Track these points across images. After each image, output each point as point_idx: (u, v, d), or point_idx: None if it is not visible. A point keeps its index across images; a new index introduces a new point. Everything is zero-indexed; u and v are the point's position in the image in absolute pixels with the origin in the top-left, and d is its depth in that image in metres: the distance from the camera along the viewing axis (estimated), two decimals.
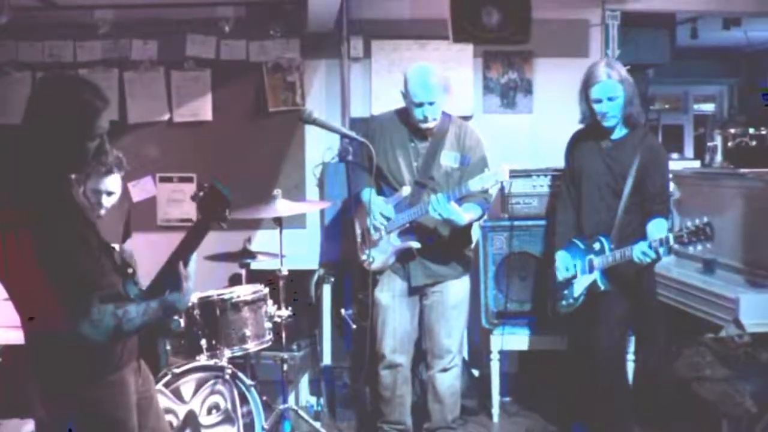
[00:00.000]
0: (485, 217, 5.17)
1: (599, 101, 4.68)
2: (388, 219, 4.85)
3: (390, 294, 4.99)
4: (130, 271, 3.06)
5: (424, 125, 4.84)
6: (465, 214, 4.69)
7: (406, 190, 4.81)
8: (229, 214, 3.05)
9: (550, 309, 5.06)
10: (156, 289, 3.00)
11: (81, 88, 2.85)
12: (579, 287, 4.80)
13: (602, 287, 4.69)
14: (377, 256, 4.88)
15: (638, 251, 4.52)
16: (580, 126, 4.94)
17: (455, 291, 4.99)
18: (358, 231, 5.05)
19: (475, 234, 5.68)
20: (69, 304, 2.70)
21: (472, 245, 5.17)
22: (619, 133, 4.79)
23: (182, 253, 3.02)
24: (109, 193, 4.41)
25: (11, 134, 2.92)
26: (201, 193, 3.04)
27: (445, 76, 4.93)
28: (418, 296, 5.03)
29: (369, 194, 4.84)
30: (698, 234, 4.27)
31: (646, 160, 4.67)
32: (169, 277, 2.99)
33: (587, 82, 4.73)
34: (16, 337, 4.71)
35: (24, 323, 2.93)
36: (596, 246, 4.72)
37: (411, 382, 5.22)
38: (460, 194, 4.62)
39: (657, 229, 4.58)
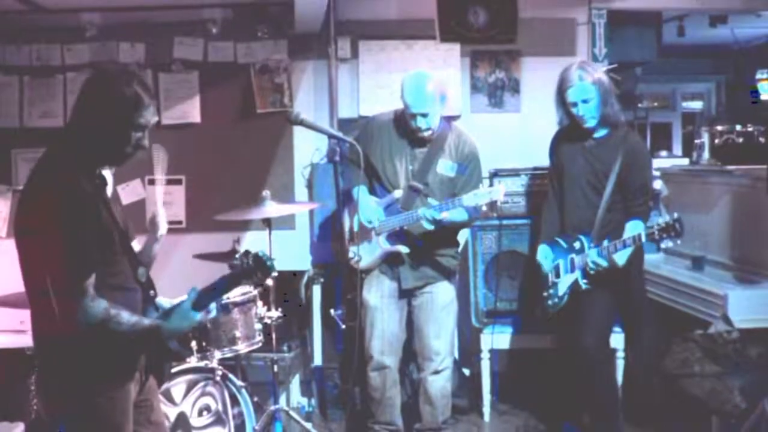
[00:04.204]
0: (473, 223, 5.15)
1: (575, 104, 4.70)
2: (378, 220, 4.86)
3: (378, 295, 4.99)
4: (152, 293, 3.18)
5: (419, 134, 4.83)
6: (446, 213, 4.64)
7: (398, 193, 4.83)
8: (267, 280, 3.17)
9: (538, 309, 5.06)
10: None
11: (131, 81, 2.98)
12: (563, 286, 4.82)
13: (584, 286, 4.71)
14: (365, 256, 4.88)
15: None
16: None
17: (444, 292, 5.00)
18: (347, 228, 5.06)
19: (464, 234, 5.71)
20: (72, 276, 2.80)
21: (459, 248, 5.19)
22: (601, 132, 4.81)
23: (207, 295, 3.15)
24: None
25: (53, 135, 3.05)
26: (247, 261, 3.11)
27: (443, 83, 4.88)
28: (406, 298, 5.04)
29: (359, 192, 4.85)
30: (668, 230, 4.30)
31: (629, 160, 4.69)
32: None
33: (561, 86, 4.75)
34: (7, 341, 4.73)
35: (33, 325, 3.01)
36: (576, 245, 4.74)
37: (401, 383, 5.23)
38: (453, 206, 4.61)
39: (633, 230, 4.60)
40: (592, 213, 4.75)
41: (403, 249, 4.86)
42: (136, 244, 3.28)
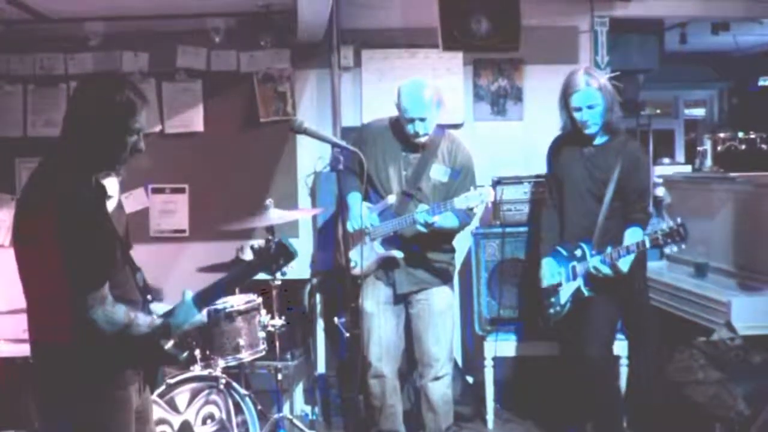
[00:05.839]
0: (464, 228, 5.10)
1: (579, 110, 4.70)
2: (371, 225, 4.87)
3: (374, 301, 5.00)
4: (149, 297, 3.17)
5: (415, 140, 4.85)
6: (438, 217, 4.66)
7: (391, 198, 4.84)
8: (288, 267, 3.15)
9: (540, 317, 5.06)
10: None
11: (122, 86, 2.99)
12: (565, 294, 4.81)
13: (586, 293, 4.71)
14: (360, 261, 4.89)
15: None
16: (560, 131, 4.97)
17: (441, 297, 5.00)
18: (341, 234, 5.06)
19: (467, 241, 5.72)
20: (88, 287, 2.79)
21: (462, 256, 5.18)
22: (601, 139, 4.81)
23: (228, 286, 3.17)
24: (108, 197, 4.42)
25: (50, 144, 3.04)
26: (270, 248, 3.10)
27: (439, 90, 4.90)
28: (403, 305, 5.04)
29: (354, 198, 4.88)
30: (673, 235, 4.30)
31: (628, 166, 4.69)
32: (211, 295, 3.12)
33: (566, 91, 4.75)
34: (11, 350, 4.74)
35: (32, 334, 3.01)
36: (578, 252, 4.74)
37: (404, 391, 5.23)
38: (445, 209, 4.63)
39: (632, 238, 4.60)
40: (593, 220, 4.74)
41: (398, 254, 4.88)
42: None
